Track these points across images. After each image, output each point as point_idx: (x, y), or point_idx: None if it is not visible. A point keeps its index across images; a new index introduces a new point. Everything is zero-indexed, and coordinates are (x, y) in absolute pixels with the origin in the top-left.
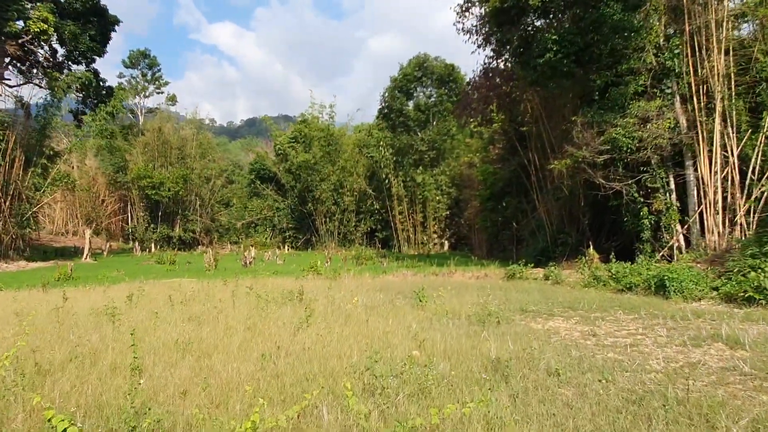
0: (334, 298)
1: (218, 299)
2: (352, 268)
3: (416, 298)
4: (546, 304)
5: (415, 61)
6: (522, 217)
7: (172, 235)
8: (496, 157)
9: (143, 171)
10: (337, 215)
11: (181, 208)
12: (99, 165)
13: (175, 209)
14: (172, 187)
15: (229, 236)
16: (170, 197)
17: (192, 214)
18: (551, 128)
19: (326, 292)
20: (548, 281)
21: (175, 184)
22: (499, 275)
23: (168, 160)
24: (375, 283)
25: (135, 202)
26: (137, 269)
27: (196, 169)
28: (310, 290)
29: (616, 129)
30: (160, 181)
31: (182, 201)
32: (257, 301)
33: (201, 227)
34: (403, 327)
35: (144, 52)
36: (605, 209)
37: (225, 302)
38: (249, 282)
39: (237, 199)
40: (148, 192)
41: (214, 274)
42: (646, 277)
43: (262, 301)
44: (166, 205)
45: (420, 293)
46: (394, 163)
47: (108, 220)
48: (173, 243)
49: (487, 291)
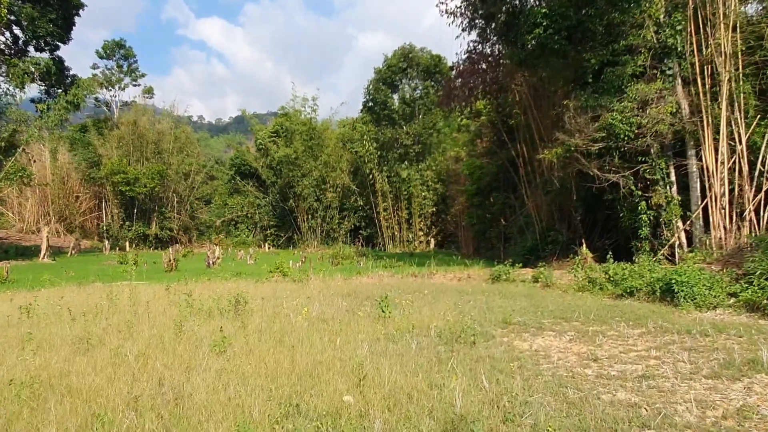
0: (284, 307)
1: (141, 310)
2: (325, 269)
3: (379, 307)
4: (534, 314)
5: (400, 52)
6: (510, 214)
7: (148, 234)
8: (483, 150)
9: (117, 166)
10: (320, 212)
11: (158, 205)
12: (71, 160)
13: (151, 206)
14: (148, 183)
15: (209, 234)
16: (146, 194)
17: (169, 211)
18: (541, 118)
19: (282, 298)
20: (537, 284)
21: (151, 179)
22: (483, 276)
23: (144, 154)
24: (345, 286)
25: (109, 198)
26: (92, 270)
27: (173, 164)
28: (265, 296)
29: (612, 114)
30: (135, 177)
31: (159, 198)
32: (184, 314)
33: (179, 225)
34: (350, 351)
35: (119, 42)
36: (599, 204)
37: (143, 315)
38: (199, 286)
39: (218, 196)
40: (122, 188)
41: (171, 276)
42: (649, 280)
43: (192, 311)
44: (142, 202)
45: (383, 302)
46: (379, 157)
47: (82, 217)
48: (149, 241)
49: (468, 296)
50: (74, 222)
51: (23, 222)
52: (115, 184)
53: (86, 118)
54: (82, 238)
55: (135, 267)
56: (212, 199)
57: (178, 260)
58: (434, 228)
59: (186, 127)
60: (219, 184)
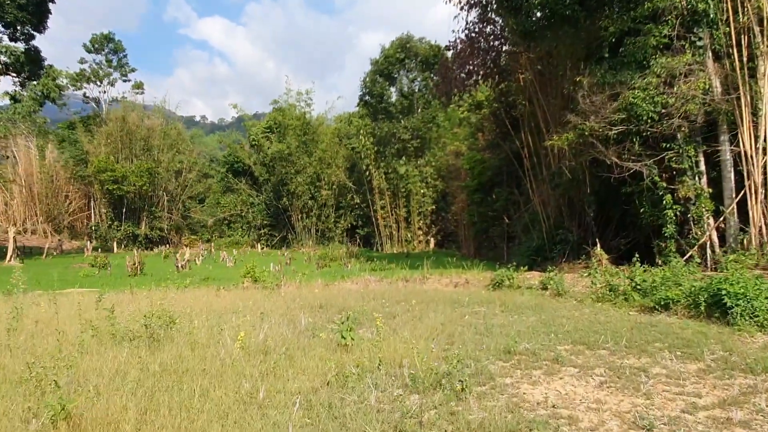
0: (225, 327)
1: (31, 330)
2: (307, 272)
3: (339, 333)
4: (546, 336)
5: (398, 43)
6: (514, 211)
7: (138, 234)
8: (485, 143)
9: (104, 164)
10: (315, 211)
11: (148, 204)
12: (58, 158)
13: (141, 205)
14: (136, 181)
15: (201, 234)
16: (134, 192)
17: (160, 210)
18: (547, 104)
19: (234, 312)
20: (546, 291)
21: (140, 177)
22: (483, 282)
23: (133, 152)
24: (321, 294)
25: (97, 197)
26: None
27: (163, 161)
28: (215, 310)
29: (634, 92)
30: (123, 175)
31: (149, 196)
32: (84, 339)
33: (170, 225)
34: (274, 409)
35: (108, 35)
36: (615, 198)
37: (23, 344)
38: (142, 297)
39: (212, 194)
40: (110, 187)
41: (130, 281)
42: (689, 289)
43: (97, 334)
44: (131, 201)
45: (345, 325)
46: (375, 153)
47: (71, 217)
48: (139, 242)
49: (463, 308)
50: (62, 222)
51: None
52: (103, 182)
53: (74, 115)
54: (71, 238)
55: (98, 271)
56: (206, 197)
57: (144, 263)
58: (434, 227)
59: (177, 124)
60: (213, 183)
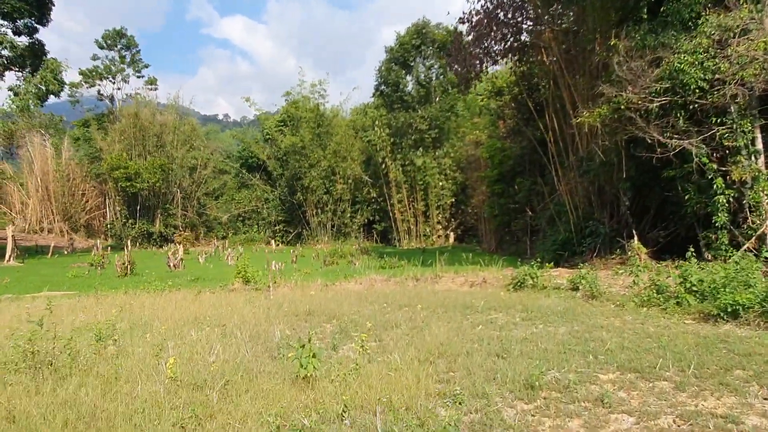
0: (171, 346)
1: None
2: (310, 271)
3: (298, 362)
4: (582, 359)
5: (414, 29)
6: (538, 202)
7: (152, 231)
8: (507, 130)
9: (117, 161)
10: (330, 206)
11: (162, 201)
12: (73, 156)
13: (155, 202)
14: (149, 177)
15: (216, 231)
16: (148, 189)
17: (174, 207)
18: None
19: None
20: (577, 293)
21: (152, 174)
22: (503, 281)
23: (146, 148)
24: (316, 297)
25: (112, 195)
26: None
27: (177, 158)
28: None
29: (679, 56)
30: (136, 172)
31: (162, 193)
32: None
33: (185, 222)
34: None
35: (120, 31)
36: (653, 184)
37: None
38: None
39: (227, 190)
40: (123, 184)
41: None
42: (764, 293)
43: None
44: (146, 198)
45: (305, 351)
46: (392, 144)
47: (88, 215)
48: (154, 239)
49: (477, 315)
50: (79, 220)
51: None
52: (116, 179)
53: (87, 112)
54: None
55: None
56: (222, 194)
57: (134, 263)
58: (453, 221)
59: (191, 119)
60: (228, 179)
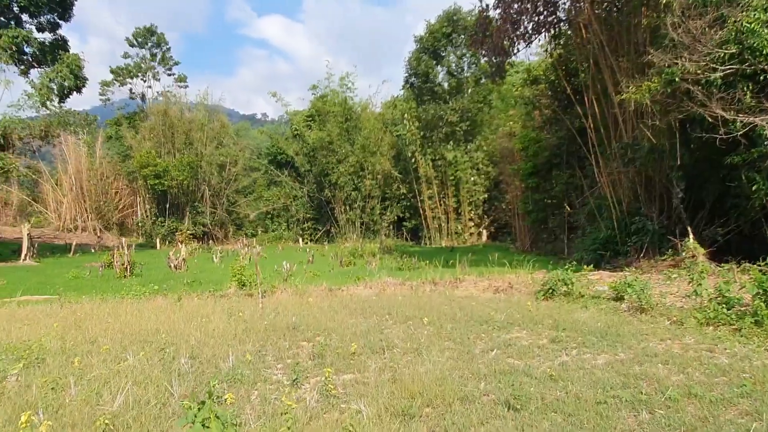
0: (62, 386)
1: None
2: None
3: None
4: (631, 413)
5: (444, 16)
6: (576, 196)
7: (181, 229)
8: (543, 120)
9: (146, 158)
10: (359, 202)
11: (191, 199)
12: (104, 154)
13: (184, 200)
14: (177, 175)
15: (246, 229)
16: (177, 187)
17: (202, 205)
18: (617, 65)
19: (147, 339)
20: (622, 304)
21: (181, 172)
22: (531, 286)
23: (175, 146)
24: (313, 306)
25: (142, 193)
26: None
27: (206, 155)
28: (134, 333)
29: (749, 14)
30: (164, 169)
31: (192, 191)
32: None
33: (214, 220)
34: None
35: (150, 28)
36: (709, 173)
37: None
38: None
39: (256, 188)
40: (152, 182)
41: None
42: None
43: None
44: (175, 196)
45: (204, 413)
46: (421, 138)
47: (121, 213)
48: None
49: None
50: (112, 219)
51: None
52: (146, 177)
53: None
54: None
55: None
56: (252, 191)
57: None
58: (486, 218)
59: (221, 116)
60: (258, 176)
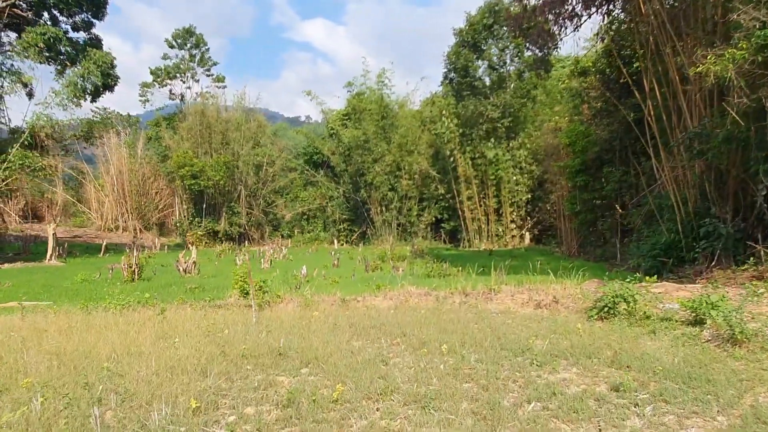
0: None
1: None
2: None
3: None
4: None
5: (486, 7)
6: (631, 196)
7: (217, 230)
8: (592, 113)
9: (183, 159)
10: (395, 203)
11: (227, 200)
12: (145, 155)
13: (220, 201)
14: (213, 175)
15: (282, 230)
16: (213, 187)
17: (239, 206)
18: (683, 44)
19: (83, 367)
20: (702, 330)
21: (216, 171)
22: (581, 302)
23: (212, 146)
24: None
25: (179, 193)
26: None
27: (242, 155)
28: (78, 357)
29: None
30: (201, 169)
31: (228, 192)
32: None
33: (250, 220)
34: None
35: (189, 29)
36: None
37: None
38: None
39: (293, 188)
40: (188, 182)
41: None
42: None
43: None
44: (212, 197)
45: None
46: (460, 135)
47: (160, 213)
48: (219, 238)
49: (531, 374)
50: (151, 219)
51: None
52: (182, 177)
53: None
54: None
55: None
56: (288, 192)
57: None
58: (529, 219)
59: (259, 117)
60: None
